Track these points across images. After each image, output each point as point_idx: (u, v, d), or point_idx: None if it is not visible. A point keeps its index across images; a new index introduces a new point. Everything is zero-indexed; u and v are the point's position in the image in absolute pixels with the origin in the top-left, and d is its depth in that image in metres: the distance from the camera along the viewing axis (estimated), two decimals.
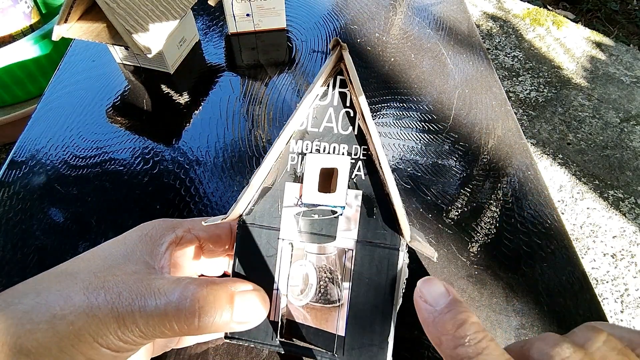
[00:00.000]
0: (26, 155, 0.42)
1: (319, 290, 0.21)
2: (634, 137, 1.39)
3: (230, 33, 0.55)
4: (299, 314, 0.21)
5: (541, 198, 0.39)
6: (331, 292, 0.21)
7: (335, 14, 0.59)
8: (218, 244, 0.25)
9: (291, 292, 0.21)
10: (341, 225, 0.21)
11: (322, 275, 0.21)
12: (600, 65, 1.64)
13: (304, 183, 0.21)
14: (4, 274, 0.33)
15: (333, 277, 0.21)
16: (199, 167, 0.41)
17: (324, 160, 0.21)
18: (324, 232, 0.21)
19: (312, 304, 0.21)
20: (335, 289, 0.21)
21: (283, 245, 0.21)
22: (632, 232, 1.16)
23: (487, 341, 0.16)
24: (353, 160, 0.21)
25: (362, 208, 0.21)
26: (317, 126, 0.21)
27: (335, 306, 0.21)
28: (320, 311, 0.21)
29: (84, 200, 0.38)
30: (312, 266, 0.21)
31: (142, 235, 0.23)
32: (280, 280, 0.21)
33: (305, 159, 0.21)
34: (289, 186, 0.21)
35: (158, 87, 0.48)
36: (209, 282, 0.19)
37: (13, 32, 1.05)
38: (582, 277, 0.33)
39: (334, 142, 0.21)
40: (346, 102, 0.20)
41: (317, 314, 0.21)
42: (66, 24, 0.44)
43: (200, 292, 0.19)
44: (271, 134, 0.44)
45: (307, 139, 0.21)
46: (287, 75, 0.50)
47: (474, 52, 0.53)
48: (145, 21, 0.43)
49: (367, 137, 0.20)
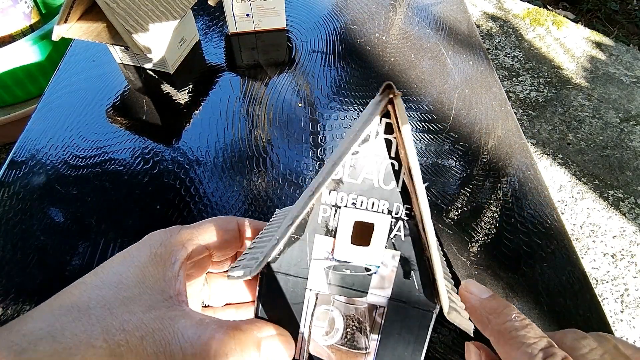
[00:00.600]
0: (26, 155, 0.42)
1: (345, 335, 0.21)
2: (634, 137, 1.39)
3: (230, 33, 0.55)
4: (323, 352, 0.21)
5: (541, 198, 0.39)
6: (358, 340, 0.21)
7: (335, 14, 0.59)
8: (227, 251, 0.25)
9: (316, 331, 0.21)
10: (374, 283, 0.20)
11: (349, 323, 0.21)
12: (600, 65, 1.64)
13: (337, 238, 0.19)
14: (4, 274, 0.33)
15: (361, 327, 0.21)
16: (199, 167, 0.41)
17: (360, 216, 0.19)
18: (355, 287, 0.20)
19: (337, 345, 0.21)
20: (362, 338, 0.21)
21: (310, 295, 0.20)
22: (632, 232, 1.16)
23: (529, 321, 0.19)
24: (394, 220, 0.19)
25: (398, 269, 0.20)
26: (355, 177, 0.18)
27: (362, 353, 0.21)
28: (345, 354, 0.21)
29: (84, 200, 0.38)
30: (339, 313, 0.21)
31: (152, 255, 0.21)
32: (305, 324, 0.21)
33: (340, 213, 0.19)
34: (319, 239, 0.19)
35: (158, 87, 0.48)
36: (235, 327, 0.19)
37: (13, 32, 1.05)
38: (582, 277, 0.33)
39: (373, 197, 0.19)
40: (391, 151, 0.18)
41: (342, 356, 0.21)
42: (66, 24, 0.44)
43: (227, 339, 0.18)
44: (271, 134, 0.44)
45: (343, 191, 0.19)
46: (287, 75, 0.50)
47: (474, 52, 0.53)
48: (145, 21, 0.43)
49: (411, 196, 0.18)
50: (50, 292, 0.32)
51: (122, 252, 0.21)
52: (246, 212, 0.37)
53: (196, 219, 0.36)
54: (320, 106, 0.46)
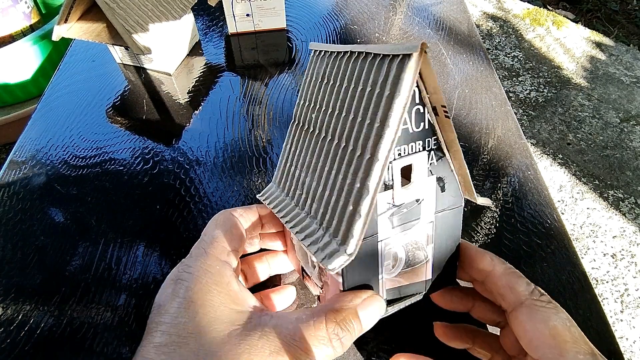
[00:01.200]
0: (26, 155, 0.42)
1: (407, 260, 0.24)
2: (634, 137, 1.39)
3: (230, 33, 0.55)
4: (395, 282, 0.25)
5: (541, 198, 0.39)
6: (418, 257, 0.25)
7: (335, 14, 0.59)
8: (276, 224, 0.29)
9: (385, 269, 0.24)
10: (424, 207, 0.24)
11: (408, 249, 0.24)
12: (600, 65, 1.64)
13: (395, 189, 0.22)
14: (4, 274, 0.33)
15: (418, 245, 0.24)
16: (199, 167, 0.41)
17: (406, 162, 0.22)
18: (412, 218, 0.23)
19: (403, 271, 0.25)
20: (421, 252, 0.25)
21: (381, 245, 0.23)
22: (632, 232, 1.16)
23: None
24: (427, 152, 0.22)
25: (437, 188, 0.23)
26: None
27: (423, 264, 0.25)
28: (411, 272, 0.25)
29: (84, 200, 0.38)
30: (399, 245, 0.24)
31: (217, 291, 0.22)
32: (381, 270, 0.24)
33: (392, 166, 0.21)
34: (381, 196, 0.22)
35: (158, 87, 0.49)
36: (330, 310, 0.21)
37: (13, 32, 1.05)
38: (582, 277, 0.33)
39: (410, 141, 0.22)
40: (415, 98, 0.21)
41: (408, 275, 0.25)
42: (66, 24, 0.44)
43: (330, 324, 0.21)
44: (271, 134, 0.44)
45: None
46: (287, 75, 0.50)
47: (474, 52, 0.53)
48: (145, 21, 0.43)
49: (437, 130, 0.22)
50: (50, 292, 0.32)
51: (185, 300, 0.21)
52: None
53: (196, 219, 0.36)
54: None
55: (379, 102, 0.20)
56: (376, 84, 0.20)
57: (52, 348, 0.29)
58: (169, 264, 0.34)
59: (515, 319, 0.22)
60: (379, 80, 0.20)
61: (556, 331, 0.20)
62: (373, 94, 0.21)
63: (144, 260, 0.34)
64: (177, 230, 0.36)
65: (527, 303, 0.22)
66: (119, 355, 0.29)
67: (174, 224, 0.36)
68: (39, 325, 0.30)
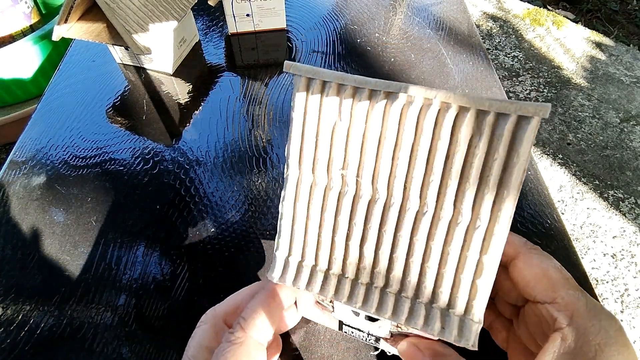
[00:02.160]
0: (26, 155, 0.42)
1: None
2: (634, 137, 1.39)
3: (230, 33, 0.55)
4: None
5: (541, 198, 0.39)
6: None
7: (335, 14, 0.59)
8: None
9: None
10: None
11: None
12: (600, 65, 1.64)
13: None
14: (4, 274, 0.33)
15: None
16: (199, 167, 0.41)
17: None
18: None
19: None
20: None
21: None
22: (632, 232, 1.16)
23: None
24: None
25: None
26: None
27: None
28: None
29: (84, 200, 0.38)
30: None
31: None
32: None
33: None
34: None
35: (158, 87, 0.48)
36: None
37: (13, 32, 1.05)
38: (582, 277, 0.33)
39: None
40: None
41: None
42: (66, 24, 0.44)
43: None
44: (271, 134, 0.44)
45: None
46: (287, 75, 0.50)
47: (474, 52, 0.53)
48: (145, 21, 0.43)
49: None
50: (50, 292, 0.32)
51: None
52: (246, 212, 0.37)
53: (196, 219, 0.36)
54: None
55: (488, 164, 0.19)
56: (475, 144, 0.19)
57: (52, 348, 0.29)
58: (169, 264, 0.34)
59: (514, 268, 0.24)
60: (479, 140, 0.19)
61: (549, 273, 0.22)
62: (472, 154, 0.19)
63: (144, 260, 0.34)
64: (177, 230, 0.36)
65: (522, 252, 0.24)
66: (119, 355, 0.29)
67: (174, 224, 0.36)
68: (39, 325, 0.30)
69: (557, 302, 0.21)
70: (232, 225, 0.36)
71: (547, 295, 0.22)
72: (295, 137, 0.22)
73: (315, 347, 0.29)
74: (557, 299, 0.21)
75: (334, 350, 0.29)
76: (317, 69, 0.21)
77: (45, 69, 1.13)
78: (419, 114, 0.20)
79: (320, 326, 0.30)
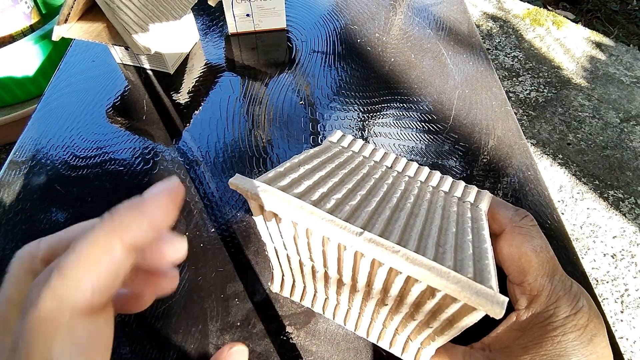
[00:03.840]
0: (26, 155, 0.42)
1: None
2: (634, 137, 1.39)
3: (230, 33, 0.55)
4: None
5: (541, 198, 0.39)
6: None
7: (335, 14, 0.59)
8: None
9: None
10: None
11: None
12: (600, 65, 1.64)
13: None
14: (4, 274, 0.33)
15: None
16: (199, 167, 0.41)
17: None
18: None
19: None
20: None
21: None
22: (632, 232, 1.16)
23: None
24: None
25: None
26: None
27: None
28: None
29: (84, 200, 0.38)
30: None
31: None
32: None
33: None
34: None
35: (158, 87, 0.48)
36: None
37: (13, 32, 1.05)
38: (582, 277, 0.33)
39: None
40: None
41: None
42: (66, 24, 0.44)
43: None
44: (271, 134, 0.44)
45: None
46: (287, 75, 0.50)
47: (474, 52, 0.53)
48: (146, 21, 0.43)
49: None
50: None
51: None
52: (246, 212, 0.37)
53: (196, 219, 0.36)
54: (320, 106, 0.46)
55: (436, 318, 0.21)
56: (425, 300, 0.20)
57: None
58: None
59: (497, 245, 0.25)
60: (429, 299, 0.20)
61: (525, 256, 0.23)
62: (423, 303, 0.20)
63: None
64: (177, 230, 0.36)
65: (507, 230, 0.24)
66: (119, 355, 0.29)
67: (174, 223, 0.36)
68: None
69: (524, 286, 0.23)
70: (232, 225, 0.36)
71: (517, 278, 0.24)
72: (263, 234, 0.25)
73: (315, 347, 0.29)
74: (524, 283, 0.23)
75: (334, 350, 0.29)
76: (265, 189, 0.21)
77: (45, 69, 1.13)
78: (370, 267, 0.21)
79: (320, 326, 0.30)
